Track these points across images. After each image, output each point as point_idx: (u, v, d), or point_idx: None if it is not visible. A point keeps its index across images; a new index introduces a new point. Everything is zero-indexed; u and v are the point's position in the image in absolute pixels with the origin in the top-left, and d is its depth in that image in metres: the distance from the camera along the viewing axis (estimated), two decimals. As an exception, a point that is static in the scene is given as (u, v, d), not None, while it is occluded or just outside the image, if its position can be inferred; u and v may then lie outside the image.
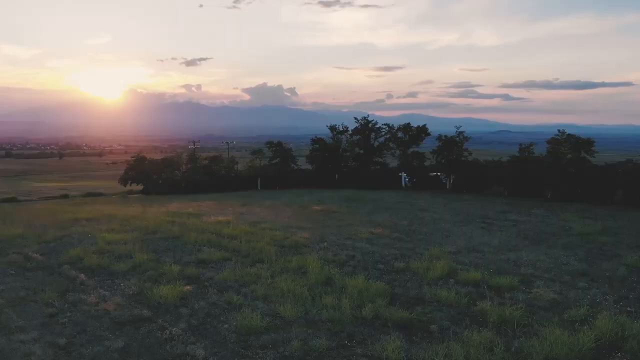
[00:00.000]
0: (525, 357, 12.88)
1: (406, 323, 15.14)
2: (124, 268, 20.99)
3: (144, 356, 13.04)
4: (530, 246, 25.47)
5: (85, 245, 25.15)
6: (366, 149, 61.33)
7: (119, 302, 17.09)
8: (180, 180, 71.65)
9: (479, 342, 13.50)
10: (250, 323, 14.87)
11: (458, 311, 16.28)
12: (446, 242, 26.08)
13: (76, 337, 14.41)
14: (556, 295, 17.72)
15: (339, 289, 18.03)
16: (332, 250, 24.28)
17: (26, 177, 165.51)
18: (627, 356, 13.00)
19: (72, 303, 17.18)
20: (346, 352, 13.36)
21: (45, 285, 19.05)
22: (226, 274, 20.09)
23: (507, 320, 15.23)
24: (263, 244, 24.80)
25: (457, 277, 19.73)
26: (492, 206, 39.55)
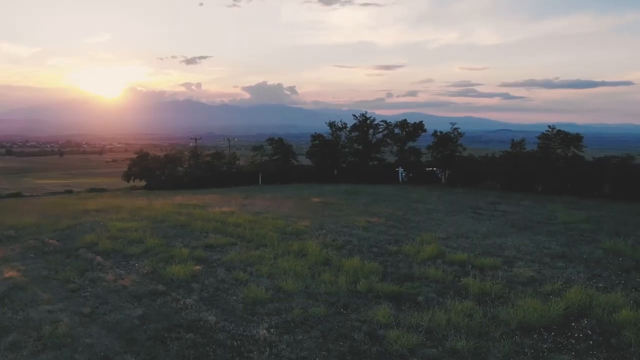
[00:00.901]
0: (501, 322, 14.51)
1: (396, 295, 16.80)
2: (136, 251, 22.62)
3: (162, 322, 14.66)
4: (515, 233, 27.12)
5: (98, 232, 26.77)
6: (364, 145, 63.00)
7: (135, 279, 18.72)
8: (182, 176, 73.18)
9: (460, 309, 15.18)
10: (255, 295, 16.53)
11: (443, 286, 17.94)
12: (437, 229, 27.71)
13: (98, 307, 16.04)
14: (534, 273, 19.37)
15: (336, 268, 19.66)
16: (331, 236, 25.88)
17: (27, 175, 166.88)
18: (593, 321, 14.62)
19: (92, 280, 18.81)
20: (342, 318, 15.01)
21: (65, 266, 20.66)
22: (232, 255, 21.74)
23: (487, 292, 16.90)
24: (266, 231, 26.44)
25: (445, 258, 21.39)
26: (484, 198, 41.18)
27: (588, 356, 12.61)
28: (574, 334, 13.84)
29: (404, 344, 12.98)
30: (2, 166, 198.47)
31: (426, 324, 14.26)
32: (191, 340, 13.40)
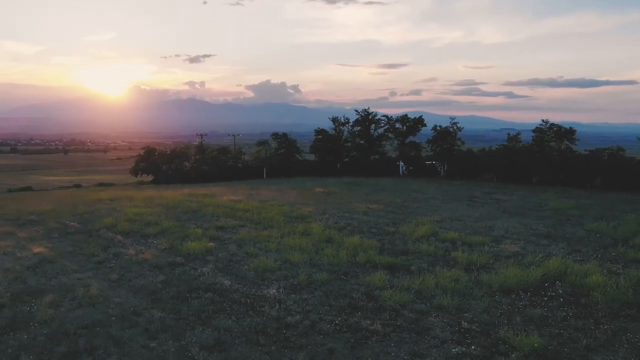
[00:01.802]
0: (483, 285, 16.31)
1: (391, 265, 18.61)
2: (153, 231, 24.46)
3: (182, 286, 16.50)
4: (507, 217, 28.89)
5: (115, 216, 28.64)
6: (366, 139, 64.75)
7: (155, 253, 20.56)
8: (189, 171, 74.95)
9: (448, 276, 16.99)
10: (265, 265, 18.37)
11: (435, 258, 19.75)
12: (433, 214, 29.48)
13: (124, 275, 17.88)
14: (519, 249, 21.16)
15: (338, 245, 21.47)
16: (333, 219, 27.69)
17: (33, 172, 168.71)
18: (566, 285, 16.41)
19: (115, 254, 20.66)
20: (342, 282, 16.83)
21: (88, 244, 22.52)
22: (242, 234, 23.59)
23: (473, 263, 18.72)
24: (272, 215, 28.27)
25: (438, 236, 23.20)
26: (480, 189, 42.91)
27: (558, 311, 14.39)
28: (548, 294, 15.65)
29: (397, 301, 14.79)
30: (7, 164, 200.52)
31: (417, 287, 16.07)
32: (210, 299, 15.24)
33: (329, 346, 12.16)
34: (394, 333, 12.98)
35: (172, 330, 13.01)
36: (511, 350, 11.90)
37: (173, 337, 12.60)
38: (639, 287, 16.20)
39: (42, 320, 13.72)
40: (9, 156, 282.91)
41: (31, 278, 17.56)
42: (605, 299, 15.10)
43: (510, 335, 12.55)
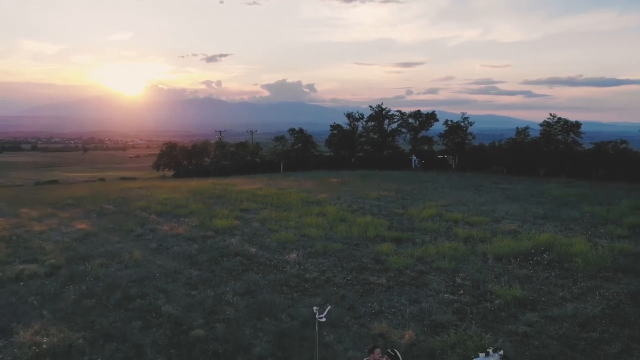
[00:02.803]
0: (478, 253, 18.45)
1: (398, 238, 20.81)
2: (183, 212, 26.92)
3: (214, 252, 18.86)
4: (509, 202, 30.84)
5: (147, 200, 31.16)
6: (380, 134, 66.69)
7: (187, 229, 22.98)
8: (209, 166, 77.51)
9: (448, 246, 19.15)
10: (285, 238, 20.69)
11: (438, 234, 21.90)
12: (440, 199, 31.55)
13: (162, 244, 20.31)
14: (516, 227, 23.21)
15: (350, 223, 23.68)
16: (346, 204, 29.92)
17: (55, 169, 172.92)
18: (554, 254, 18.45)
19: (151, 229, 23.13)
20: (353, 250, 19.08)
21: (126, 221, 25.02)
22: (264, 215, 25.96)
23: (472, 236, 20.85)
24: (291, 199, 30.59)
25: (442, 216, 25.35)
26: (488, 179, 44.78)
27: (542, 273, 16.50)
28: (535, 260, 17.74)
29: (400, 264, 17.01)
30: (29, 161, 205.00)
31: (419, 254, 18.27)
32: (239, 261, 17.59)
33: (341, 294, 14.44)
34: (397, 286, 15.21)
35: (209, 283, 15.38)
36: (496, 298, 14.07)
37: (210, 288, 14.96)
38: (618, 255, 18.25)
39: (96, 276, 16.17)
40: (30, 154, 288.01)
41: (80, 247, 20.07)
42: (585, 263, 17.18)
43: (497, 288, 14.72)
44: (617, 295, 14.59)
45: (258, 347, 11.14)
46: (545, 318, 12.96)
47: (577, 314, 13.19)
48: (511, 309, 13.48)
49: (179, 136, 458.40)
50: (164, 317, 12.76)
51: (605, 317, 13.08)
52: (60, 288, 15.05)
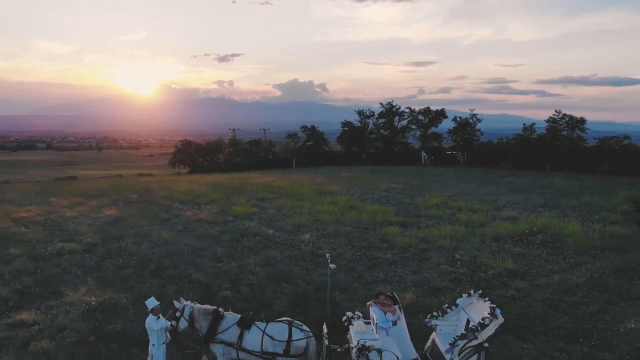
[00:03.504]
0: (478, 235, 20.02)
1: (404, 223, 22.43)
2: (204, 200, 28.70)
3: (235, 233, 20.60)
4: (512, 193, 32.27)
5: (168, 190, 32.97)
6: (390, 130, 68.23)
7: (209, 215, 24.73)
8: (223, 163, 79.53)
9: (449, 229, 20.74)
10: (300, 222, 22.39)
11: (442, 219, 23.47)
12: (446, 191, 33.01)
13: (187, 227, 22.07)
14: (516, 213, 24.69)
15: (360, 210, 25.31)
16: (356, 194, 31.54)
17: (70, 167, 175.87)
18: (547, 235, 19.95)
19: (175, 215, 24.91)
20: (362, 233, 20.73)
21: (151, 209, 26.81)
22: (279, 203, 27.68)
23: (473, 221, 22.40)
24: (304, 190, 32.26)
25: (447, 205, 26.91)
26: (495, 173, 46.15)
27: (535, 250, 18.05)
28: (530, 240, 19.28)
29: (405, 243, 18.65)
30: (45, 159, 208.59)
31: (423, 235, 19.90)
32: (258, 240, 19.33)
33: (351, 266, 16.11)
34: (401, 261, 16.85)
35: (232, 257, 17.12)
36: (489, 270, 15.67)
37: (234, 261, 16.70)
38: (608, 237, 19.74)
39: (130, 252, 17.95)
40: (45, 152, 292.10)
41: (112, 229, 21.87)
42: (576, 243, 18.71)
43: (491, 262, 16.32)
44: (602, 269, 16.11)
45: (278, 304, 12.84)
46: (532, 285, 14.54)
47: (562, 283, 14.75)
48: (503, 278, 15.07)
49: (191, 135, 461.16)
50: (194, 283, 14.50)
51: (588, 286, 14.63)
52: (99, 261, 16.84)
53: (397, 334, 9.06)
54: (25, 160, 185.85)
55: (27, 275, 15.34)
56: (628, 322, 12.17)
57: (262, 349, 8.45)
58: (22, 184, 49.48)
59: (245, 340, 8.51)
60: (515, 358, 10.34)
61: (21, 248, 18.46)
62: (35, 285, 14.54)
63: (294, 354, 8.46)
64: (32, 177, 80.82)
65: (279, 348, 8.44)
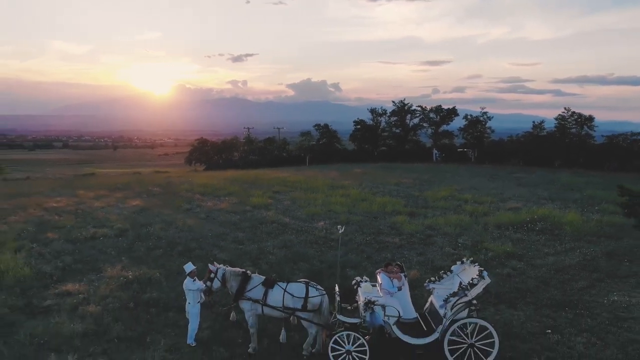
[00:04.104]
0: (481, 223, 21.32)
1: (412, 212, 23.79)
2: (223, 193, 30.24)
3: (253, 221, 22.09)
4: (519, 187, 33.44)
5: (188, 184, 34.56)
6: (402, 128, 69.52)
7: (228, 205, 26.24)
8: (238, 160, 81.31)
9: (455, 218, 22.06)
10: (314, 211, 23.83)
11: (448, 210, 24.77)
12: (455, 185, 34.25)
13: (209, 215, 23.60)
14: (520, 205, 25.92)
15: (371, 202, 26.69)
16: (368, 188, 32.89)
17: (87, 165, 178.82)
18: (547, 223, 21.19)
19: (197, 205, 26.46)
20: (373, 221, 22.12)
21: (174, 200, 28.38)
22: (294, 195, 29.15)
23: (478, 211, 23.69)
24: (317, 184, 33.70)
25: (454, 197, 28.20)
26: (504, 169, 47.32)
27: (534, 236, 19.33)
28: (530, 227, 20.55)
29: (412, 229, 20.02)
30: (62, 158, 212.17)
31: (429, 223, 21.24)
32: (275, 227, 20.80)
33: (361, 249, 17.51)
34: (408, 244, 18.22)
35: (252, 240, 18.61)
36: (489, 252, 16.99)
37: (253, 243, 18.18)
38: (605, 225, 20.95)
39: (158, 236, 19.49)
40: (62, 151, 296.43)
41: (139, 217, 23.45)
42: (573, 230, 19.95)
43: (492, 245, 17.63)
44: (595, 253, 17.35)
45: (295, 278, 14.23)
46: (528, 265, 15.85)
47: (556, 263, 16.04)
48: (501, 259, 16.39)
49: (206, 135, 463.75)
50: (219, 261, 15.92)
51: (579, 266, 15.90)
52: (131, 244, 18.40)
53: (400, 297, 10.43)
54: (43, 159, 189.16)
55: (67, 255, 16.91)
56: (612, 295, 13.44)
57: (284, 304, 9.88)
58: (45, 180, 51.32)
59: (269, 297, 9.94)
60: (505, 322, 11.66)
61: (57, 233, 20.08)
62: (75, 263, 16.11)
63: (310, 309, 9.87)
64: (51, 175, 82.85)
65: (298, 304, 9.85)
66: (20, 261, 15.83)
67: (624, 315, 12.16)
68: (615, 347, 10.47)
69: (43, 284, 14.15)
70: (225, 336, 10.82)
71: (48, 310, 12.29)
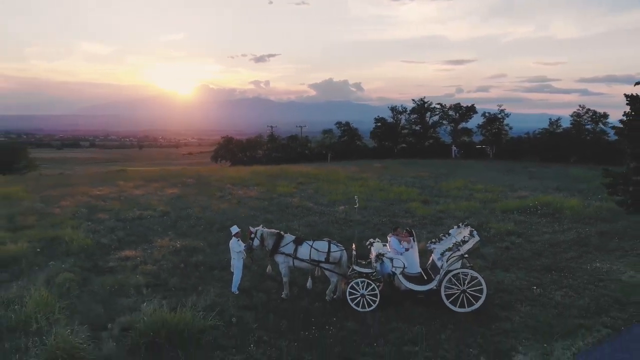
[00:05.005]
0: (488, 208, 23.32)
1: (426, 200, 25.88)
2: (251, 183, 32.64)
3: (281, 205, 24.41)
4: (531, 180, 35.22)
5: (218, 176, 37.06)
6: (422, 126, 71.39)
7: (257, 193, 28.63)
8: (261, 158, 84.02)
9: (466, 204, 24.09)
10: (335, 197, 26.10)
11: (460, 198, 26.79)
12: (470, 177, 36.17)
13: (240, 201, 25.97)
14: (528, 193, 27.81)
15: (388, 191, 28.81)
16: (386, 180, 35.01)
17: (115, 164, 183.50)
18: (550, 209, 23.08)
19: (229, 193, 28.88)
20: (389, 206, 24.28)
21: (207, 189, 30.83)
22: (317, 185, 31.45)
23: (488, 199, 25.67)
24: (338, 177, 35.97)
25: (468, 187, 30.17)
26: (520, 165, 48.95)
27: (535, 219, 21.27)
28: (533, 211, 22.50)
29: (425, 213, 22.15)
30: (89, 157, 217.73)
31: (441, 208, 23.32)
32: (300, 210, 23.10)
33: (377, 227, 19.69)
34: (420, 225, 20.34)
35: (280, 220, 20.91)
36: (492, 230, 19.02)
37: (282, 222, 20.47)
38: (605, 210, 22.77)
39: (197, 217, 21.90)
40: (89, 150, 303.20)
41: (177, 202, 25.91)
42: (572, 214, 21.85)
43: (495, 225, 19.65)
44: (589, 232, 19.25)
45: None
46: (526, 241, 17.85)
47: (551, 239, 18.01)
48: (502, 236, 18.41)
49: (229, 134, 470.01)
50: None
51: (572, 242, 17.84)
52: (174, 222, 20.83)
53: (407, 256, 12.60)
54: (71, 158, 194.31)
55: (119, 231, 19.37)
56: (595, 262, 15.41)
57: (310, 257, 12.13)
58: (80, 175, 54.31)
59: (298, 252, 12.21)
60: (498, 282, 13.72)
61: (107, 214, 22.61)
62: (128, 236, 18.56)
63: (332, 261, 12.11)
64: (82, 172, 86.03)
65: (322, 257, 12.09)
66: (81, 234, 18.36)
67: (603, 277, 14.12)
68: (589, 299, 12.47)
69: (104, 251, 16.59)
70: (263, 285, 13.12)
71: (113, 270, 14.69)
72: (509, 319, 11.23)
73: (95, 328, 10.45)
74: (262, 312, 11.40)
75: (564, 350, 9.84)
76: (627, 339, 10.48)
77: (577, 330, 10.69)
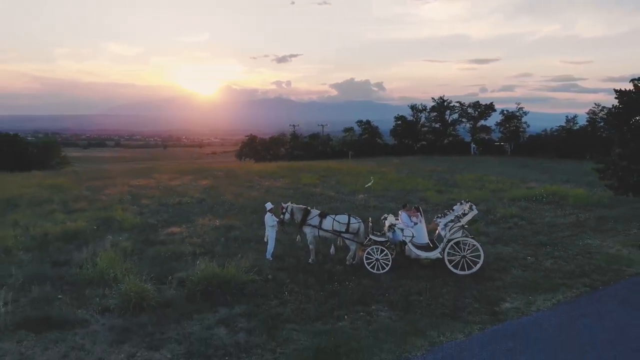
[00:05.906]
0: (497, 196, 25.21)
1: (440, 190, 27.84)
2: (277, 176, 34.95)
3: (305, 194, 26.62)
4: (543, 174, 36.90)
5: (245, 170, 39.46)
6: (441, 123, 73.16)
7: (283, 184, 30.92)
8: (284, 155, 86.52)
9: (477, 193, 26.02)
10: (355, 188, 28.23)
11: (473, 188, 28.70)
12: (485, 171, 37.98)
13: (268, 191, 28.28)
14: (537, 185, 29.57)
15: (405, 182, 30.84)
16: (404, 173, 37.02)
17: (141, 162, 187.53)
18: (555, 197, 24.88)
19: (257, 184, 31.22)
20: (405, 194, 26.36)
21: (237, 180, 33.22)
22: (339, 177, 33.59)
23: (499, 189, 27.55)
24: (358, 171, 38.06)
25: (481, 179, 32.03)
26: (536, 160, 50.55)
27: (539, 205, 23.12)
28: (538, 199, 24.34)
29: (439, 200, 24.15)
30: (115, 156, 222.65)
31: (453, 196, 25.28)
32: (323, 198, 25.33)
33: (393, 212, 21.74)
34: (432, 210, 22.36)
35: (305, 205, 23.08)
36: (498, 213, 20.97)
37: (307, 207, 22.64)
38: (606, 199, 24.50)
39: (229, 202, 24.24)
40: (115, 150, 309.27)
41: (211, 191, 28.32)
42: (575, 201, 23.64)
43: (501, 210, 21.59)
44: (588, 217, 21.05)
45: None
46: (528, 223, 19.76)
47: (551, 222, 19.88)
48: (507, 218, 20.35)
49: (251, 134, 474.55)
50: (281, 217, 20.51)
51: (570, 224, 19.68)
52: (211, 207, 23.19)
53: (416, 229, 14.68)
54: (98, 157, 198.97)
55: (163, 213, 21.80)
56: (587, 240, 17.28)
57: (333, 228, 14.31)
58: (113, 171, 57.09)
59: (323, 224, 14.40)
60: (497, 253, 15.72)
61: (150, 200, 25.09)
62: (171, 217, 20.94)
63: (351, 231, 14.28)
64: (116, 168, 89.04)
65: (342, 228, 14.27)
66: (130, 216, 20.80)
67: (592, 251, 15.97)
68: (575, 266, 14.38)
69: (153, 229, 18.96)
70: (293, 253, 15.35)
71: (163, 242, 17.02)
72: (502, 279, 13.24)
73: (156, 282, 12.76)
74: (293, 272, 13.60)
75: (545, 301, 11.83)
76: (603, 294, 12.43)
77: (559, 287, 12.67)
